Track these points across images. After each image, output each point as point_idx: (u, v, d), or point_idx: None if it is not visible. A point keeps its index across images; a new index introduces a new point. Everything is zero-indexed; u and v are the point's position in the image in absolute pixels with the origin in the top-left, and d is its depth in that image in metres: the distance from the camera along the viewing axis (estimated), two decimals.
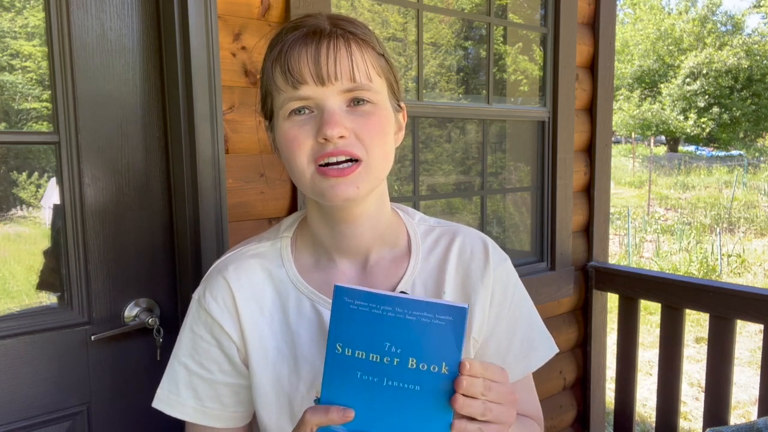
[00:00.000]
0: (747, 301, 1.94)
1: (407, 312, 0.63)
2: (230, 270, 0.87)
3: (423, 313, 0.63)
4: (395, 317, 0.63)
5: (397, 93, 0.86)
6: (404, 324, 0.63)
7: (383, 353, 0.64)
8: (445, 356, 0.63)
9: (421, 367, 0.63)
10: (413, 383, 0.64)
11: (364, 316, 0.64)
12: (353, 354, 0.64)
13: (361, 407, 0.65)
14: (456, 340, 0.63)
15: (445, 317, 0.63)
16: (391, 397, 0.64)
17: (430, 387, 0.63)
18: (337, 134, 0.75)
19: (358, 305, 0.64)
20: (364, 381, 0.64)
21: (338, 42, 0.77)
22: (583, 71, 2.33)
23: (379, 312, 0.64)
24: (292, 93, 0.77)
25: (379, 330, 0.64)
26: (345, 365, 0.65)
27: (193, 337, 0.88)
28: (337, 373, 0.65)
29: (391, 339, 0.64)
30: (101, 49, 1.29)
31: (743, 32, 27.36)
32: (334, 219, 0.85)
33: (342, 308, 0.64)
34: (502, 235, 2.38)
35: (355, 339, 0.64)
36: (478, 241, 0.94)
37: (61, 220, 1.28)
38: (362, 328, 0.64)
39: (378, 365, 0.64)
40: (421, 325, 0.63)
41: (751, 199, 14.11)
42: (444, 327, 0.63)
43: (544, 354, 0.96)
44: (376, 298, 0.64)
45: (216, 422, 0.88)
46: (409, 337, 0.63)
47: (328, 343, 0.65)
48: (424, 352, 0.63)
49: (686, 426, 3.68)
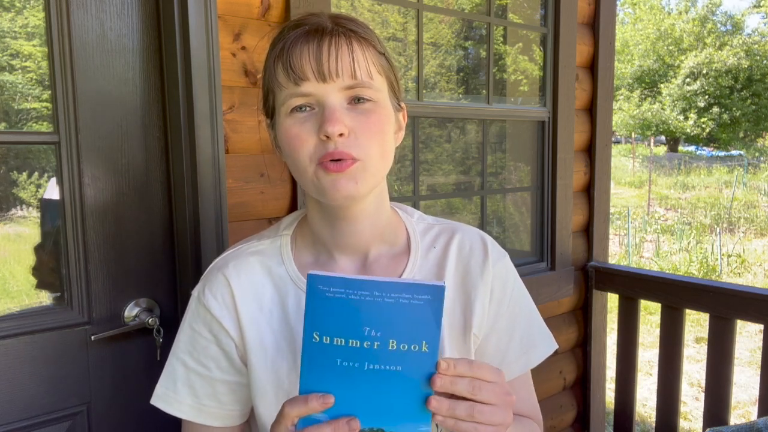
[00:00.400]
0: (747, 301, 1.94)
1: (386, 294, 0.63)
2: (230, 267, 0.88)
3: (401, 294, 0.63)
4: (373, 301, 0.63)
5: (398, 92, 0.87)
6: (383, 307, 0.63)
7: (363, 338, 0.64)
8: (425, 335, 0.63)
9: (402, 348, 0.64)
10: (394, 364, 0.64)
11: (340, 302, 0.63)
12: (331, 342, 0.64)
13: (343, 393, 0.65)
14: (435, 317, 0.63)
15: (424, 296, 0.63)
16: (372, 380, 0.64)
17: (412, 366, 0.64)
18: (338, 131, 0.76)
19: (334, 292, 0.63)
20: (344, 367, 0.64)
21: (340, 39, 0.78)
22: (583, 71, 2.33)
23: (356, 297, 0.63)
24: (294, 89, 0.78)
25: (358, 315, 0.63)
26: (323, 354, 0.64)
27: (191, 334, 0.88)
28: (316, 363, 0.65)
29: (370, 323, 0.63)
30: (101, 49, 1.29)
31: (743, 32, 27.37)
32: (333, 216, 0.85)
33: (317, 296, 0.63)
34: (502, 235, 2.38)
35: (332, 326, 0.64)
36: (476, 238, 0.95)
37: (60, 219, 1.28)
38: (340, 315, 0.63)
39: (358, 350, 0.64)
40: (400, 306, 0.63)
41: (751, 199, 14.12)
42: (423, 306, 0.63)
43: (544, 350, 0.96)
44: (352, 283, 0.63)
45: (212, 420, 0.88)
46: (388, 320, 0.63)
47: (304, 334, 0.64)
48: (404, 332, 0.63)
49: (686, 426, 3.68)
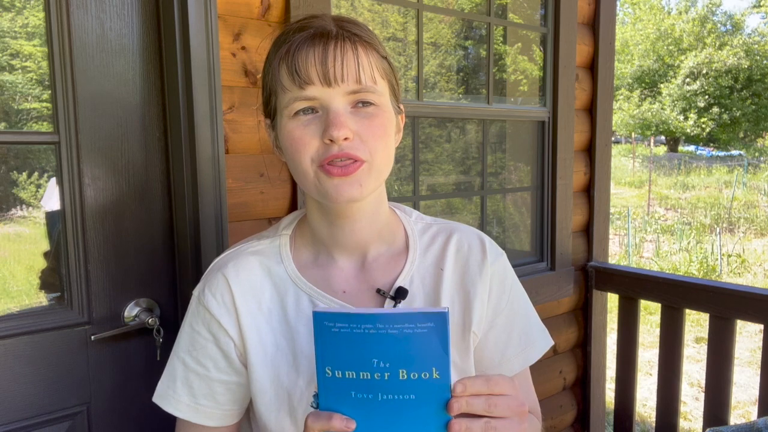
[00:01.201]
0: (747, 301, 1.94)
1: (388, 326, 0.63)
2: (229, 267, 0.88)
3: (404, 325, 0.63)
4: (377, 333, 0.63)
5: (398, 95, 0.88)
6: (388, 338, 0.63)
7: (373, 370, 0.64)
8: (434, 362, 0.63)
9: (413, 377, 0.64)
10: (407, 393, 0.64)
11: (346, 337, 0.64)
12: (344, 375, 0.65)
13: (361, 423, 0.65)
14: (442, 344, 0.63)
15: (427, 324, 0.63)
16: (388, 409, 0.65)
17: (425, 393, 0.64)
18: (343, 136, 0.76)
19: (339, 328, 0.64)
20: (359, 399, 0.65)
21: (345, 44, 0.78)
22: (583, 71, 2.33)
23: (360, 331, 0.64)
24: (298, 93, 0.78)
25: (365, 348, 0.64)
26: (338, 387, 0.65)
27: (191, 334, 0.89)
28: (332, 396, 0.66)
29: (378, 355, 0.64)
30: (101, 49, 1.29)
31: (743, 32, 27.37)
32: (333, 215, 0.86)
33: (324, 333, 0.64)
34: (502, 235, 2.38)
35: (342, 361, 0.64)
36: (474, 237, 0.95)
37: (61, 220, 1.28)
38: (348, 349, 0.64)
39: (370, 382, 0.64)
40: (405, 337, 0.63)
41: (751, 199, 14.11)
42: (427, 334, 0.63)
43: (542, 347, 0.97)
44: (355, 318, 0.64)
45: (207, 420, 0.89)
46: (395, 350, 0.64)
47: (318, 369, 0.65)
48: (413, 361, 0.64)
49: (686, 426, 3.68)
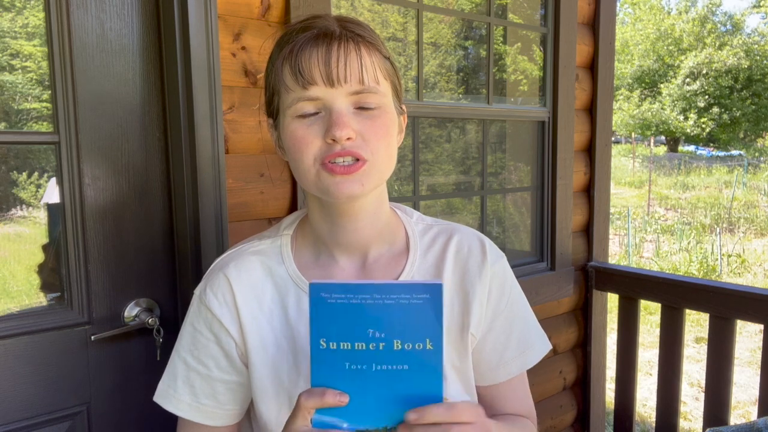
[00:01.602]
0: (747, 301, 1.94)
1: (386, 296, 0.65)
2: (231, 267, 0.89)
3: (401, 295, 0.65)
4: (374, 303, 0.65)
5: (400, 96, 0.88)
6: (384, 308, 0.65)
7: (368, 340, 0.66)
8: (428, 333, 0.65)
9: (407, 347, 0.66)
10: (401, 363, 0.66)
11: (343, 308, 0.65)
12: (338, 347, 0.66)
13: (354, 395, 0.66)
14: (436, 315, 0.65)
15: (423, 295, 0.65)
16: (381, 380, 0.66)
17: (418, 364, 0.66)
18: (345, 136, 0.77)
19: (336, 298, 0.65)
20: (353, 370, 0.66)
21: (348, 45, 0.79)
22: (583, 71, 2.33)
23: (357, 301, 0.65)
24: (302, 93, 0.79)
25: (361, 318, 0.65)
26: (332, 359, 0.66)
27: (193, 333, 0.89)
28: (324, 368, 0.67)
29: (374, 325, 0.65)
30: (101, 49, 1.29)
31: (743, 32, 27.37)
32: (334, 214, 0.86)
33: (320, 304, 0.65)
34: (502, 235, 2.38)
35: (337, 332, 0.66)
36: (474, 238, 0.95)
37: (61, 220, 1.28)
38: (343, 320, 0.65)
39: (364, 353, 0.66)
40: (401, 307, 0.65)
41: (751, 199, 14.11)
42: (423, 305, 0.65)
43: (541, 350, 0.97)
44: (353, 288, 0.65)
45: (208, 420, 0.89)
46: (390, 321, 0.65)
47: (311, 341, 0.66)
48: (408, 332, 0.65)
49: (686, 426, 3.68)
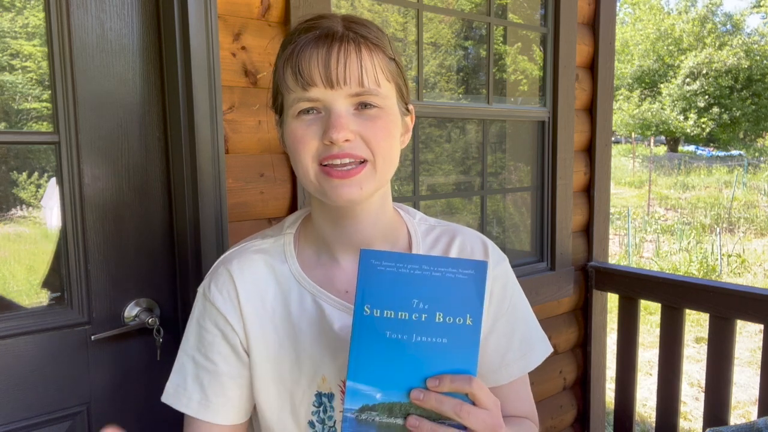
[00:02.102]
0: (747, 301, 1.94)
1: (433, 268, 0.67)
2: (234, 264, 0.89)
3: (448, 269, 0.67)
4: (422, 274, 0.67)
5: (406, 96, 0.87)
6: (431, 280, 0.67)
7: (411, 310, 0.67)
8: (469, 308, 0.67)
9: (448, 321, 0.67)
10: (440, 336, 0.67)
11: (391, 276, 0.67)
12: (382, 314, 0.67)
13: (391, 364, 0.67)
14: (478, 292, 0.67)
15: (469, 271, 0.67)
16: (419, 351, 0.67)
17: (457, 338, 0.67)
18: (343, 138, 0.77)
19: (385, 266, 0.67)
20: (393, 340, 0.67)
21: (349, 46, 0.78)
22: (583, 71, 2.33)
23: (406, 271, 0.67)
24: (302, 94, 0.79)
25: (407, 288, 0.67)
26: (373, 326, 0.67)
27: (199, 330, 0.89)
28: (365, 335, 0.68)
29: (419, 296, 0.67)
30: (101, 49, 1.29)
31: (743, 32, 27.36)
32: (336, 214, 0.86)
33: (369, 270, 0.67)
34: (502, 235, 2.38)
35: (383, 299, 0.67)
36: (477, 240, 0.95)
37: (61, 220, 1.28)
38: (390, 288, 0.67)
39: (407, 322, 0.67)
40: (447, 280, 0.67)
41: (751, 199, 14.11)
42: (467, 281, 0.67)
43: (542, 353, 0.97)
44: (403, 258, 0.67)
45: (218, 417, 0.88)
46: (435, 293, 0.67)
47: (356, 307, 0.67)
48: (450, 305, 0.67)
49: (686, 426, 3.68)
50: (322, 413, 0.86)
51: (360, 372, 0.67)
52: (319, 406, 0.85)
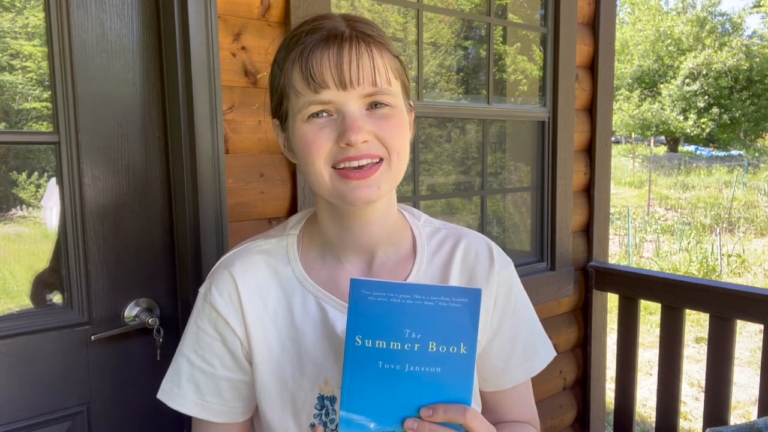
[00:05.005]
0: (747, 301, 1.94)
1: (425, 297, 0.66)
2: (236, 265, 0.88)
3: (440, 298, 0.66)
4: (414, 304, 0.66)
5: (409, 93, 0.87)
6: (423, 309, 0.66)
7: (404, 340, 0.66)
8: (463, 337, 0.66)
9: (441, 350, 0.66)
10: (434, 366, 0.66)
11: (382, 306, 0.66)
12: (373, 344, 0.66)
13: (384, 395, 0.67)
14: (472, 320, 0.66)
15: (462, 299, 0.66)
16: (412, 381, 0.66)
17: (450, 367, 0.66)
18: (361, 140, 0.76)
19: (376, 296, 0.66)
20: (386, 370, 0.66)
21: (360, 46, 0.77)
22: (583, 71, 2.33)
23: (398, 300, 0.66)
24: (313, 97, 0.77)
25: (399, 318, 0.66)
26: (366, 356, 0.66)
27: (197, 332, 0.88)
28: (358, 365, 0.67)
29: (411, 325, 0.66)
30: (101, 49, 1.29)
31: (743, 33, 27.36)
32: (344, 217, 0.85)
33: (360, 301, 0.66)
34: (502, 235, 2.38)
35: (374, 329, 0.66)
36: (482, 244, 0.94)
37: (60, 220, 1.28)
38: (381, 318, 0.66)
39: (399, 353, 0.66)
40: (439, 309, 0.66)
41: (751, 199, 14.11)
42: (461, 309, 0.66)
43: (546, 357, 0.97)
44: (394, 287, 0.66)
45: (215, 417, 0.88)
46: (428, 322, 0.66)
47: (347, 338, 0.66)
48: (443, 334, 0.66)
49: (686, 426, 3.68)
50: (324, 416, 0.85)
51: (353, 402, 0.67)
52: (321, 409, 0.85)
